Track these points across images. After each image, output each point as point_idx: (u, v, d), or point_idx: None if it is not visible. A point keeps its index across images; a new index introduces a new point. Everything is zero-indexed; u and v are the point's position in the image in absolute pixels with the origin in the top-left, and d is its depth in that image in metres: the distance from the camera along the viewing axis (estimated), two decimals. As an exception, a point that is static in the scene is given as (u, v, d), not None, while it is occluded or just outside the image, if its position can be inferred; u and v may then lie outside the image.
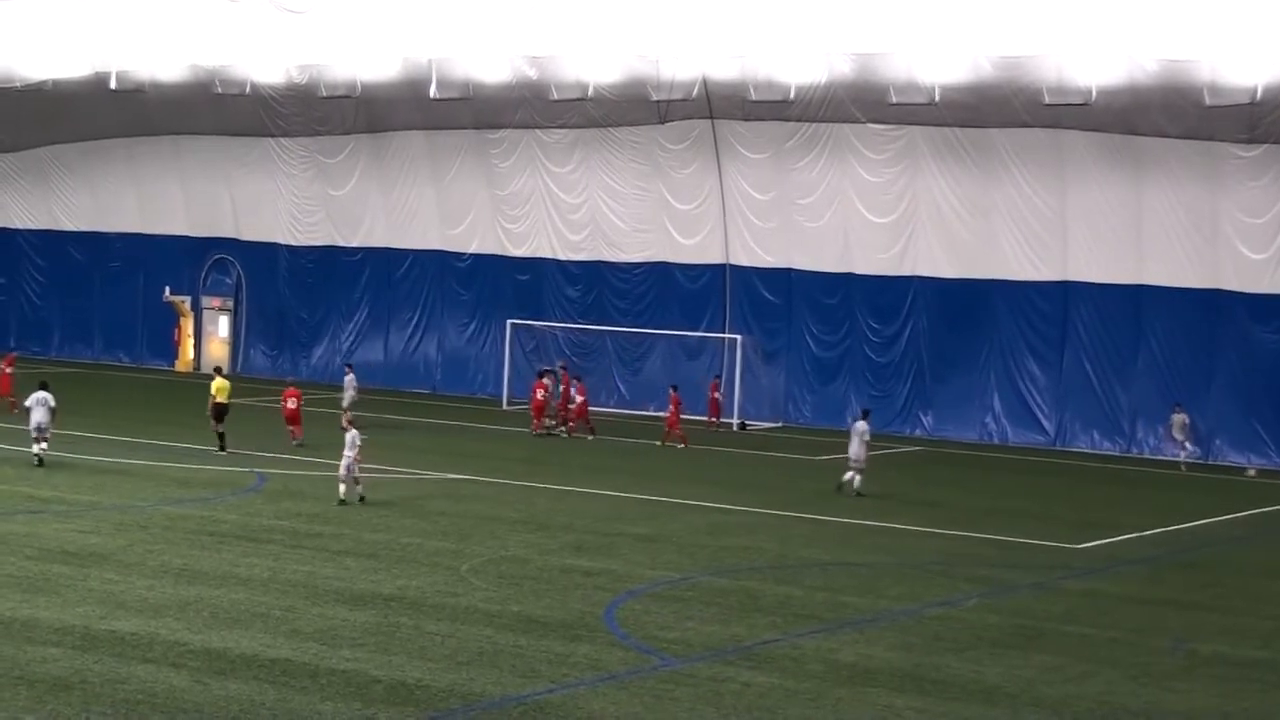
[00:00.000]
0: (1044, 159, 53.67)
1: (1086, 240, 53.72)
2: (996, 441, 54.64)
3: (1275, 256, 51.12)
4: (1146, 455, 52.53)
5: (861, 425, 41.17)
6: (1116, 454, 52.87)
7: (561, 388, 53.01)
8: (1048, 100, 51.68)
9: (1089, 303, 53.95)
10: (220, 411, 43.95)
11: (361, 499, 35.44)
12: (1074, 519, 38.94)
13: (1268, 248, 51.19)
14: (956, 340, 55.84)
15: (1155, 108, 50.75)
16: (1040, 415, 54.66)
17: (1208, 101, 49.72)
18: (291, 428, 45.57)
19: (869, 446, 41.20)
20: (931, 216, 55.90)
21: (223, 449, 43.17)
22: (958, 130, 54.36)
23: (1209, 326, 52.29)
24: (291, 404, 45.77)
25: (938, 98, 53.09)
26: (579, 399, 52.52)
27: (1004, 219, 54.77)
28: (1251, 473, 49.49)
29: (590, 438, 51.24)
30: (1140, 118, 51.23)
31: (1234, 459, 51.66)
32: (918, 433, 55.79)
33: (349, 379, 52.70)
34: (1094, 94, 50.94)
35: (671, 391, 51.89)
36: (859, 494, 40.22)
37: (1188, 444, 50.62)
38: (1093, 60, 50.54)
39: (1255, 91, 48.94)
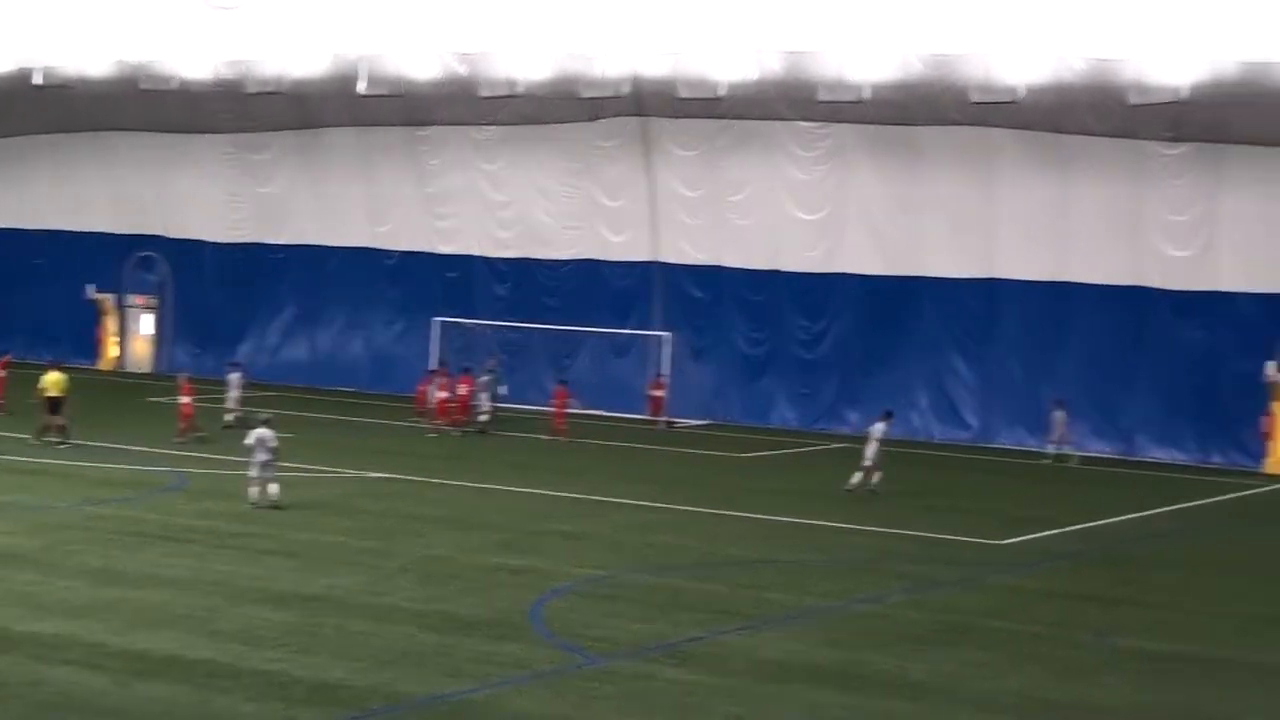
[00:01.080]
0: (971, 157, 53.92)
1: (1013, 238, 53.99)
2: (922, 438, 54.84)
3: (1198, 254, 51.54)
4: (1069, 451, 52.80)
5: (880, 427, 41.57)
6: (1041, 450, 53.13)
7: (463, 387, 52.75)
8: (975, 98, 51.87)
9: (1015, 300, 54.24)
10: (54, 405, 43.67)
11: (275, 506, 34.22)
12: (999, 515, 39.13)
13: (1191, 245, 51.61)
14: (883, 337, 56.03)
15: (1082, 106, 51.06)
16: (965, 411, 54.94)
17: (1133, 100, 50.03)
18: (181, 424, 45.28)
19: (881, 447, 41.35)
20: (860, 214, 56.09)
21: (62, 443, 42.82)
22: (886, 128, 54.54)
23: (1133, 323, 52.66)
24: (184, 400, 45.53)
25: (867, 95, 53.20)
26: (462, 391, 52.45)
27: (931, 216, 55.01)
28: (1073, 462, 49.95)
29: (463, 432, 51.01)
30: (1067, 116, 51.54)
31: (1156, 454, 52.06)
32: (844, 430, 55.89)
33: (234, 377, 50.85)
34: (1021, 92, 51.17)
35: (558, 386, 52.23)
36: (872, 492, 40.49)
37: (1063, 441, 50.65)
38: (1020, 59, 50.76)
39: (1180, 90, 49.25)
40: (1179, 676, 23.39)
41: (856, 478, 41.01)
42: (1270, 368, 50.21)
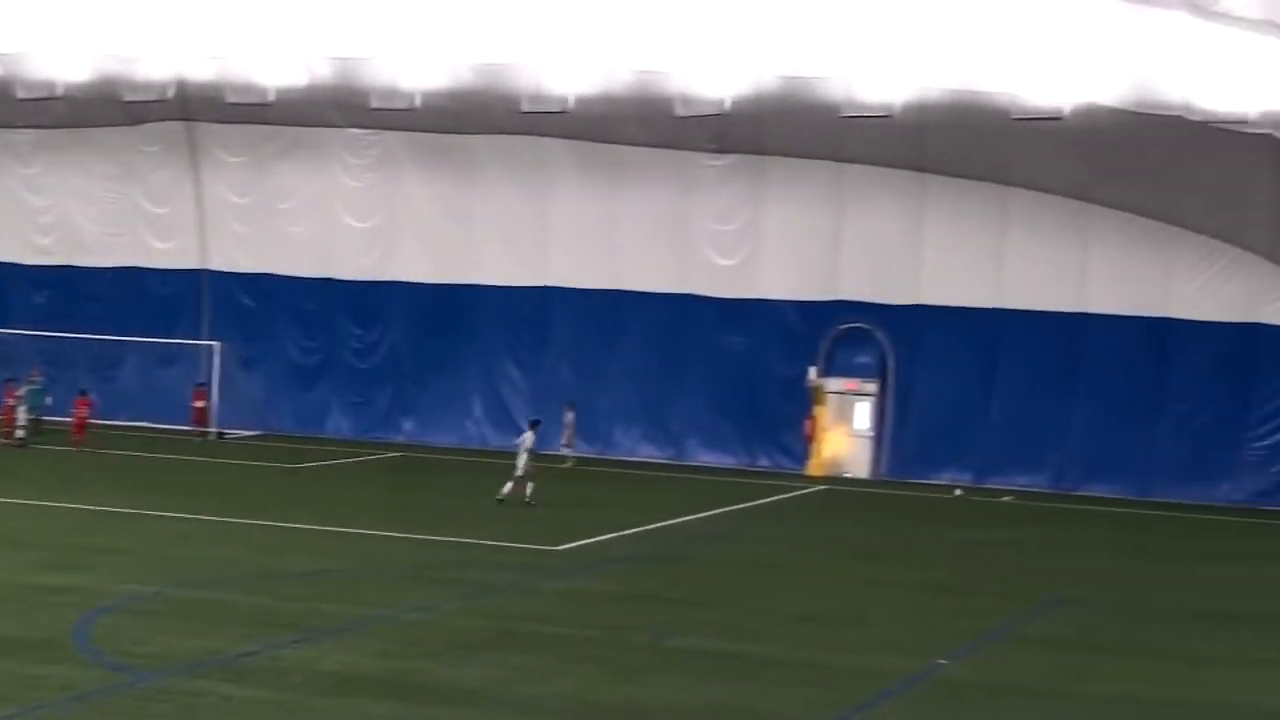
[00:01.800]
0: (524, 165, 54.35)
1: (565, 246, 54.60)
2: (478, 446, 54.97)
3: (742, 263, 52.97)
4: (622, 456, 53.66)
5: (529, 436, 41.77)
6: (595, 456, 53.87)
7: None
8: (526, 107, 52.22)
9: (568, 308, 54.85)
10: None
11: None
12: (555, 520, 39.38)
13: (736, 254, 53.01)
14: (438, 346, 55.99)
15: (630, 117, 51.94)
16: (520, 419, 55.09)
17: (679, 112, 51.09)
18: None
19: (533, 456, 41.56)
20: (412, 222, 55.96)
21: None
22: (438, 136, 54.55)
23: (681, 330, 53.78)
24: None
25: (418, 103, 53.07)
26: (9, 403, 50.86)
27: (485, 225, 55.23)
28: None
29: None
30: (616, 126, 52.38)
31: (704, 459, 53.27)
32: (399, 438, 55.71)
33: None
34: (571, 102, 51.76)
35: (79, 395, 51.35)
36: (527, 503, 40.48)
37: (570, 443, 51.43)
38: (570, 69, 51.36)
39: (724, 102, 50.53)
40: (730, 675, 23.82)
41: (508, 488, 41.03)
42: (812, 373, 51.97)
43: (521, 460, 41.42)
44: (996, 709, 22.65)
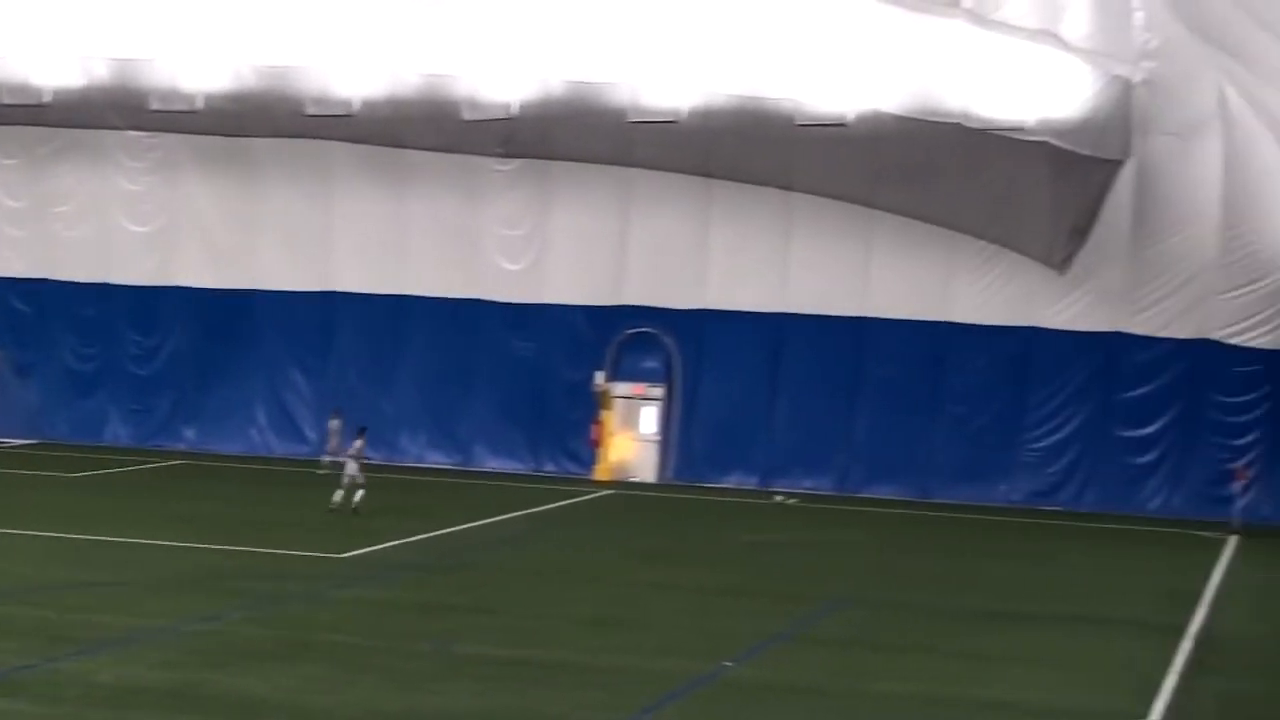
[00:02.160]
0: (308, 170, 53.73)
1: (351, 251, 54.09)
2: (262, 453, 54.26)
3: (529, 268, 52.89)
4: (409, 463, 53.29)
5: (358, 444, 41.50)
6: (381, 462, 53.43)
7: None
8: (310, 111, 51.63)
9: (354, 313, 54.30)
10: None
11: None
12: (341, 528, 38.98)
13: (523, 259, 52.92)
14: (221, 352, 55.12)
15: (417, 121, 51.54)
16: (305, 426, 54.66)
17: (466, 116, 50.90)
18: None
19: (362, 464, 41.25)
20: (194, 226, 55.06)
21: None
22: (221, 139, 53.75)
23: (469, 335, 53.53)
24: None
25: (199, 105, 52.25)
26: None
27: (268, 230, 54.51)
28: (779, 499, 48.85)
29: None
30: (403, 130, 51.98)
31: (492, 465, 53.11)
32: (181, 446, 54.77)
33: None
34: (356, 106, 51.32)
35: None
36: (355, 511, 40.18)
37: (337, 451, 50.48)
38: (355, 73, 50.93)
39: (511, 107, 50.43)
40: (517, 680, 23.76)
41: (339, 496, 40.61)
42: (599, 377, 52.06)
43: (351, 468, 40.97)
44: (783, 709, 22.83)
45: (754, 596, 32.37)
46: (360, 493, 40.65)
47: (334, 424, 49.94)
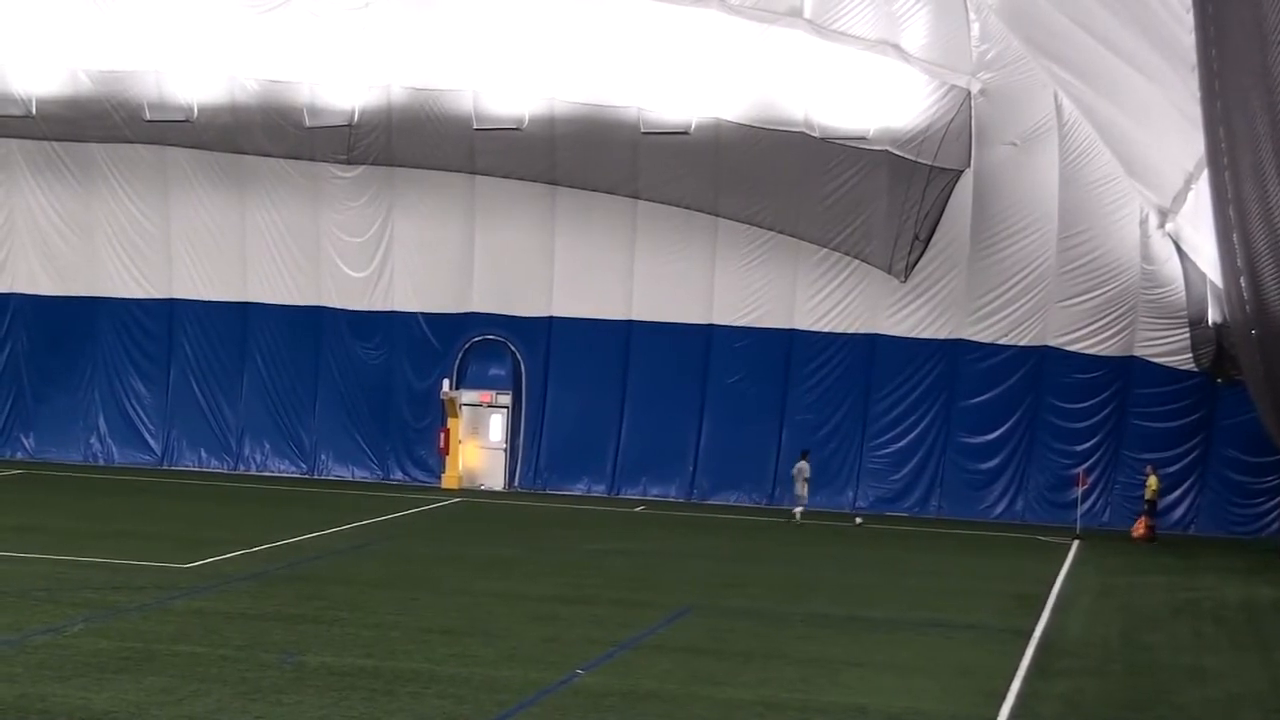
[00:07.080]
0: (148, 176, 53.16)
1: (191, 258, 53.56)
2: (103, 462, 53.55)
3: (373, 275, 52.63)
4: (254, 472, 52.86)
5: (802, 465, 46.90)
6: (225, 471, 52.98)
7: None
8: (149, 116, 51.23)
9: (195, 320, 53.79)
10: None
11: None
12: (183, 538, 38.58)
13: (366, 266, 52.63)
14: (59, 359, 54.39)
15: (257, 127, 51.24)
16: (147, 434, 54.02)
17: (308, 122, 50.68)
18: None
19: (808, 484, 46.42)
20: (31, 232, 54.29)
21: None
22: (57, 144, 53.07)
23: (312, 343, 53.20)
24: None
25: (34, 110, 51.59)
26: None
27: (107, 236, 53.88)
28: (859, 521, 48.08)
29: None
30: (243, 136, 51.58)
31: (338, 473, 52.80)
32: (19, 455, 53.95)
33: None
34: (195, 111, 50.90)
35: None
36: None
37: None
38: (194, 78, 50.49)
39: (353, 114, 50.24)
40: (364, 691, 23.61)
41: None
42: (446, 385, 51.91)
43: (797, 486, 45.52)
44: (633, 716, 22.88)
45: (602, 605, 32.41)
46: None
47: None
